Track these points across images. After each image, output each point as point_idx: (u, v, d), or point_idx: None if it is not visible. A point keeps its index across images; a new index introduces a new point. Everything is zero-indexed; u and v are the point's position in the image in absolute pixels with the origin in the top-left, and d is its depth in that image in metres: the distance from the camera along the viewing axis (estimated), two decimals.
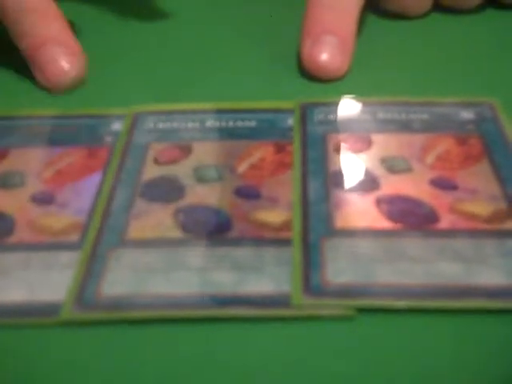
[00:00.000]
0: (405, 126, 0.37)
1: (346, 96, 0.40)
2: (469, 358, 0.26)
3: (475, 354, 0.26)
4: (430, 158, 0.35)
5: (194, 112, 0.39)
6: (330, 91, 0.41)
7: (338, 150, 0.36)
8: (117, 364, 0.26)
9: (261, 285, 0.29)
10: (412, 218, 0.31)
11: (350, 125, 0.37)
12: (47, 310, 0.28)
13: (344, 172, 0.34)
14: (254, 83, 0.42)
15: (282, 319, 0.28)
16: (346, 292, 0.28)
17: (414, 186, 0.33)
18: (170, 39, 0.47)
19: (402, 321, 0.28)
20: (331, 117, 0.38)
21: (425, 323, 0.28)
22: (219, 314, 0.28)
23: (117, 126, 0.38)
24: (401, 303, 0.28)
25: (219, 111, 0.39)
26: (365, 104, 0.39)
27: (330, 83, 0.41)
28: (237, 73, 0.43)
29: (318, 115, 0.38)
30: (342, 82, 0.42)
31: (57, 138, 0.38)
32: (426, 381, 0.25)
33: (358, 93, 0.40)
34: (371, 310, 0.28)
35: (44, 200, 0.34)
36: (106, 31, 0.49)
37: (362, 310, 0.28)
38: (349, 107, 0.39)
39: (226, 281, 0.29)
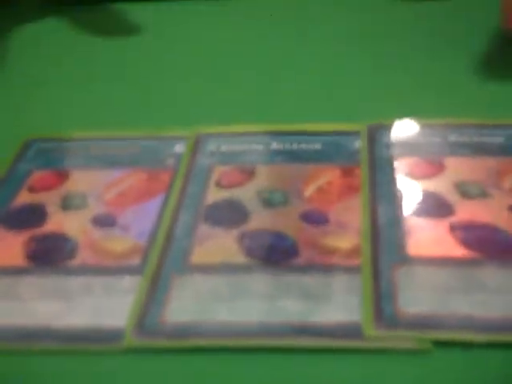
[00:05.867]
0: (478, 150, 0.35)
1: (415, 118, 0.38)
2: None
3: None
4: (508, 183, 0.33)
5: (257, 134, 0.38)
6: (399, 113, 0.39)
7: (408, 173, 0.34)
8: None
9: (330, 314, 0.27)
10: (490, 245, 0.30)
11: (420, 148, 0.36)
12: (109, 337, 0.27)
13: (415, 197, 0.33)
14: (318, 105, 0.41)
15: (353, 351, 0.26)
16: (420, 323, 0.27)
17: (491, 213, 0.31)
18: (231, 60, 0.47)
19: (481, 355, 0.26)
20: (400, 139, 0.37)
21: (506, 358, 0.26)
22: (287, 344, 0.26)
23: (179, 148, 0.38)
24: (479, 337, 0.26)
25: (283, 133, 0.38)
26: (435, 126, 0.37)
27: (399, 104, 0.40)
28: (301, 95, 0.42)
29: (387, 138, 0.37)
30: (411, 103, 0.40)
31: (118, 160, 0.37)
32: None
33: (427, 115, 0.39)
34: (447, 343, 0.26)
35: (106, 222, 0.33)
36: (171, 53, 0.48)
37: (438, 343, 0.26)
38: (418, 129, 0.37)
39: (293, 309, 0.28)
